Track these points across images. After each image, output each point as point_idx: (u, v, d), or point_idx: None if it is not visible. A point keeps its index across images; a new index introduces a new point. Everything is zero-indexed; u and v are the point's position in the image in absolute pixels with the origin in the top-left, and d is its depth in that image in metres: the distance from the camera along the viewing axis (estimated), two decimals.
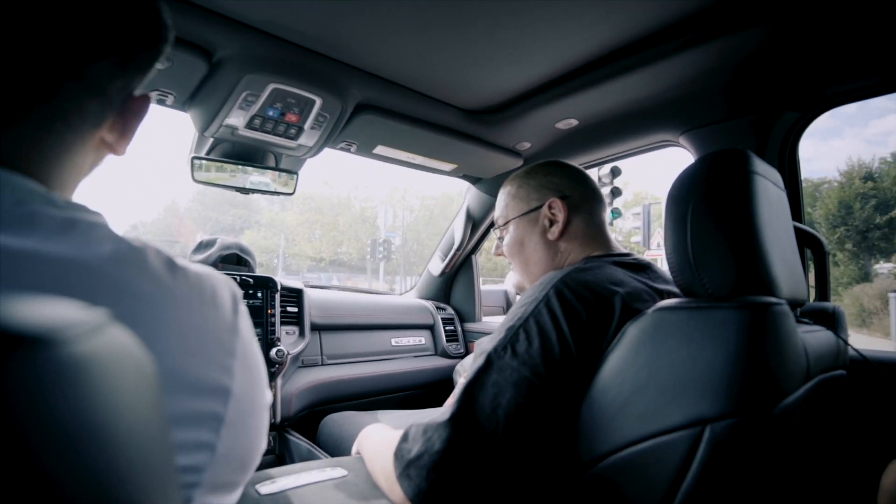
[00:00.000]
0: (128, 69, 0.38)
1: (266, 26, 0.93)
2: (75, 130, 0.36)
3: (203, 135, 1.20)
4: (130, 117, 0.41)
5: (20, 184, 0.31)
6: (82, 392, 0.17)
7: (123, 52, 0.37)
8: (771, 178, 0.74)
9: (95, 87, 0.36)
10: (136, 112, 0.42)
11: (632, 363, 0.64)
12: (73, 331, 0.17)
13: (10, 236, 0.28)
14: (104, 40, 0.36)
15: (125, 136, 0.42)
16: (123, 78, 0.38)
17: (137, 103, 0.41)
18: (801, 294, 0.79)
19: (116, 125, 0.40)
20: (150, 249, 0.35)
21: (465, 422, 0.66)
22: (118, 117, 0.40)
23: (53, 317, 0.17)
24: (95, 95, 0.37)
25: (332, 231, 32.45)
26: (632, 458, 0.61)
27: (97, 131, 0.39)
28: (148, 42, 0.39)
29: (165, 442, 0.24)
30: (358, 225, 32.83)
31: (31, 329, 0.16)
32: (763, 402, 0.57)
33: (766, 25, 0.89)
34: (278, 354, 1.35)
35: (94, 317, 0.20)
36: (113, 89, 0.38)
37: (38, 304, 0.18)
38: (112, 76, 0.37)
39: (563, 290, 0.71)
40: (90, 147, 0.39)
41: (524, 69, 1.10)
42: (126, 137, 0.42)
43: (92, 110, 0.37)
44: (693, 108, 1.21)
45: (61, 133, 0.35)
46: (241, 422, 0.37)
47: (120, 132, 0.41)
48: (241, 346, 0.38)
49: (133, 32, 0.38)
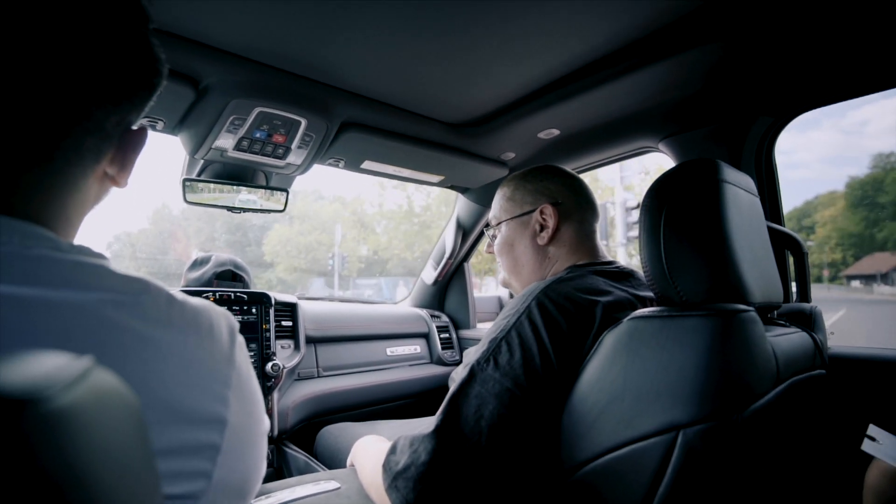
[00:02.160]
0: (125, 106, 0.40)
1: (250, 53, 0.96)
2: (76, 167, 0.38)
3: (193, 157, 1.23)
4: (129, 150, 0.43)
5: (26, 230, 0.33)
6: (67, 441, 0.19)
7: (123, 91, 0.39)
8: (742, 185, 0.77)
9: (96, 127, 0.38)
10: (135, 145, 0.43)
11: (608, 371, 0.66)
12: (54, 386, 0.19)
13: (16, 285, 0.30)
14: (107, 84, 0.37)
15: (125, 168, 0.43)
16: (119, 114, 0.40)
17: (136, 136, 0.43)
18: (776, 297, 0.81)
19: (116, 158, 0.42)
20: (150, 288, 0.36)
21: (449, 433, 0.68)
22: (118, 151, 0.41)
23: (36, 373, 0.19)
24: (95, 134, 0.38)
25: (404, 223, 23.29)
26: (610, 464, 0.64)
27: (97, 167, 0.40)
28: (145, 80, 0.41)
29: (151, 475, 0.27)
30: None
31: (14, 389, 0.18)
32: (732, 406, 0.59)
33: (732, 38, 0.92)
34: (274, 368, 1.37)
35: (77, 366, 0.22)
36: (110, 126, 0.39)
37: (24, 361, 0.20)
38: (111, 114, 0.39)
39: (544, 302, 0.73)
40: (91, 182, 0.40)
41: (504, 83, 1.12)
42: (126, 170, 0.43)
43: (91, 148, 0.38)
44: (670, 116, 1.24)
45: (64, 174, 0.37)
46: (237, 450, 0.38)
47: (120, 165, 0.42)
48: (236, 376, 0.39)
49: (131, 72, 0.39)
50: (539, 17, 0.87)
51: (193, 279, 1.49)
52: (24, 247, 0.32)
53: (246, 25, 0.86)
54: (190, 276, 1.51)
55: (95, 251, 0.37)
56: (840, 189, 36.34)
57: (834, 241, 24.68)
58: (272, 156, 1.24)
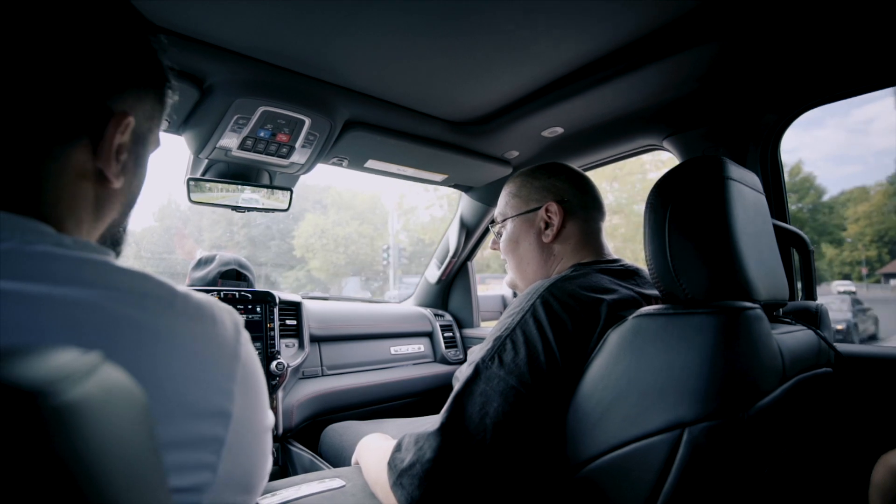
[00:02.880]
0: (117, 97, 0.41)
1: (254, 52, 0.96)
2: (71, 162, 0.38)
3: (198, 157, 1.23)
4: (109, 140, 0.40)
5: (28, 226, 0.34)
6: (78, 433, 0.20)
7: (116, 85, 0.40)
8: (747, 182, 0.77)
9: (86, 122, 0.39)
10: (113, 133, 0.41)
11: (613, 369, 0.66)
12: (66, 380, 0.20)
13: (20, 282, 0.30)
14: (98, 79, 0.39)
15: (108, 159, 0.41)
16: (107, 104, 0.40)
17: (114, 124, 0.40)
18: (781, 294, 0.81)
19: (101, 150, 0.40)
20: (154, 283, 0.37)
21: (454, 431, 0.68)
22: (101, 142, 0.40)
23: (48, 367, 0.20)
24: (86, 128, 0.39)
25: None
26: (615, 461, 0.63)
27: (88, 161, 0.39)
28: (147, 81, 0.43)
29: (156, 466, 0.27)
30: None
31: (27, 382, 0.18)
32: (738, 404, 0.59)
33: (735, 36, 0.92)
34: (278, 367, 1.38)
35: (86, 361, 0.22)
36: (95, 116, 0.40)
37: (35, 355, 0.20)
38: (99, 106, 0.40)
39: (548, 300, 0.73)
40: (88, 179, 0.40)
41: (507, 82, 1.12)
42: (109, 160, 0.41)
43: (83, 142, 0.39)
44: (674, 113, 1.23)
45: (61, 169, 0.38)
46: (241, 444, 0.38)
47: (105, 157, 0.40)
48: (241, 370, 0.39)
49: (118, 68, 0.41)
50: (542, 16, 0.86)
51: (198, 278, 1.50)
52: (26, 243, 0.32)
53: (250, 25, 0.87)
54: (194, 276, 1.51)
55: (99, 247, 0.37)
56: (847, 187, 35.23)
57: (868, 237, 23.91)
58: (276, 155, 1.24)
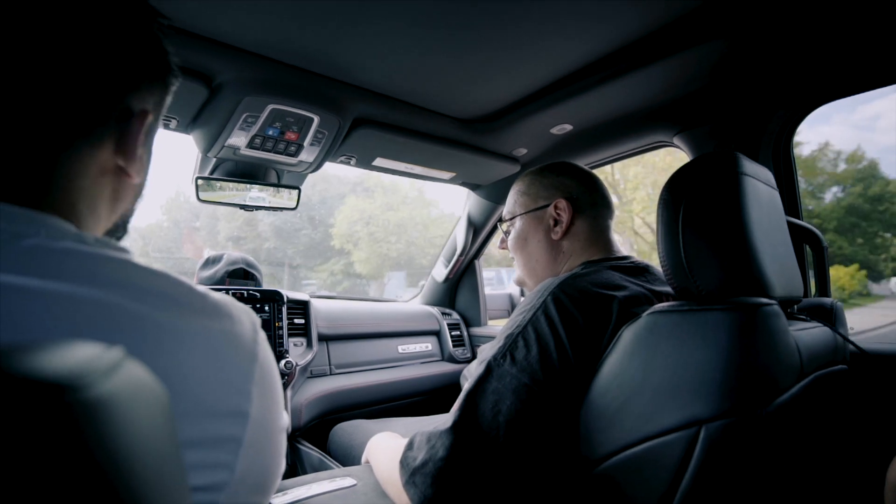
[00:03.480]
0: (131, 94, 0.41)
1: (262, 50, 0.96)
2: (90, 158, 0.39)
3: (206, 155, 1.23)
4: (131, 138, 0.42)
5: (52, 223, 0.34)
6: (103, 427, 0.19)
7: (129, 81, 0.40)
8: (761, 178, 0.76)
9: (105, 117, 0.39)
10: (137, 131, 0.42)
11: (627, 366, 0.66)
12: (91, 375, 0.19)
13: (44, 279, 0.30)
14: (113, 74, 0.39)
15: (130, 156, 0.42)
16: (125, 102, 0.41)
17: (137, 123, 0.42)
18: (796, 291, 0.80)
19: (121, 147, 0.41)
20: (173, 282, 0.37)
21: (467, 429, 0.68)
22: (121, 139, 0.41)
23: (75, 362, 0.19)
24: (105, 124, 0.39)
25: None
26: (631, 459, 0.63)
27: (109, 158, 0.40)
28: (150, 70, 0.43)
29: (178, 464, 0.27)
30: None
31: (56, 376, 0.18)
32: (756, 401, 0.58)
33: (745, 32, 0.91)
34: (287, 366, 1.38)
35: (111, 356, 0.22)
36: (116, 114, 0.40)
37: (62, 350, 0.20)
38: (116, 103, 0.40)
39: (560, 297, 0.73)
40: (107, 175, 0.41)
41: (516, 78, 1.12)
42: (132, 158, 0.42)
43: (102, 138, 0.40)
44: (684, 110, 1.22)
45: (81, 166, 0.38)
46: (258, 444, 0.38)
47: (125, 154, 0.42)
48: (259, 371, 0.39)
49: (135, 62, 0.41)
50: (551, 12, 0.86)
51: (206, 278, 1.50)
52: (51, 239, 0.32)
53: (259, 22, 0.86)
54: (202, 275, 1.52)
55: (119, 245, 0.37)
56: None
57: None
58: (284, 153, 1.24)
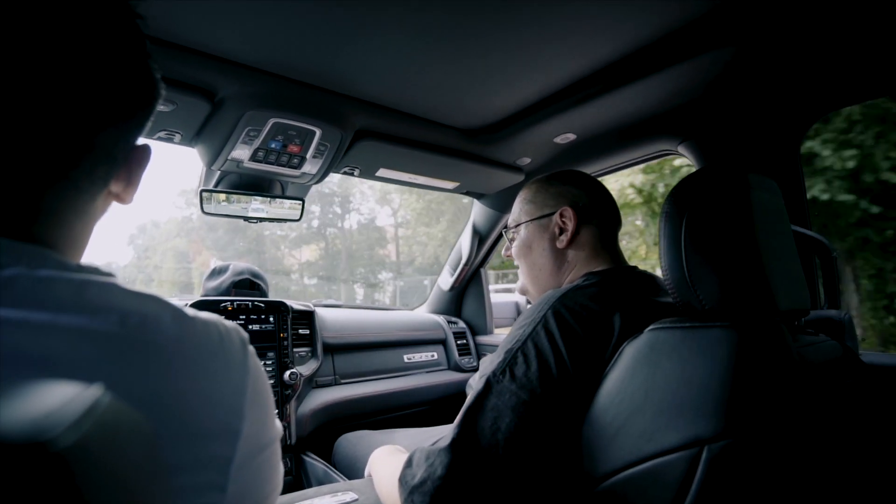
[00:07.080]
0: (128, 128, 0.41)
1: (264, 65, 0.97)
2: (85, 192, 0.39)
3: (210, 169, 1.25)
4: (135, 168, 0.44)
5: (34, 252, 0.33)
6: (82, 474, 0.19)
7: (125, 115, 0.40)
8: (766, 188, 0.74)
9: (103, 153, 0.39)
10: (139, 162, 0.44)
11: (629, 383, 0.65)
12: (59, 425, 0.19)
13: (26, 310, 0.30)
14: (109, 109, 0.38)
15: (131, 185, 0.44)
16: (125, 137, 0.41)
17: (139, 154, 0.44)
18: (803, 304, 0.78)
19: (122, 177, 0.43)
20: (160, 304, 0.36)
21: (465, 446, 0.67)
22: (123, 170, 0.42)
23: (45, 413, 0.19)
24: (104, 160, 0.39)
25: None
26: (632, 479, 0.62)
27: (106, 189, 0.41)
28: (145, 101, 0.42)
29: (164, 490, 0.26)
30: None
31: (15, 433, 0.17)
32: (759, 420, 0.57)
33: (750, 40, 0.90)
34: (291, 377, 1.38)
35: (84, 398, 0.22)
36: (117, 150, 0.40)
37: (28, 397, 0.20)
38: (115, 139, 0.40)
39: (560, 311, 0.72)
40: (99, 203, 0.41)
41: (518, 88, 1.11)
42: (132, 186, 0.44)
43: (101, 174, 0.39)
44: (689, 118, 1.21)
45: (74, 198, 0.38)
46: (249, 460, 0.38)
47: (126, 182, 0.43)
48: (251, 383, 0.39)
49: (131, 96, 0.40)
50: (553, 22, 0.86)
51: (211, 288, 1.51)
52: (31, 269, 0.32)
53: (260, 37, 0.87)
54: (208, 286, 1.53)
55: (103, 270, 0.37)
56: None
57: None
58: (287, 166, 1.25)
